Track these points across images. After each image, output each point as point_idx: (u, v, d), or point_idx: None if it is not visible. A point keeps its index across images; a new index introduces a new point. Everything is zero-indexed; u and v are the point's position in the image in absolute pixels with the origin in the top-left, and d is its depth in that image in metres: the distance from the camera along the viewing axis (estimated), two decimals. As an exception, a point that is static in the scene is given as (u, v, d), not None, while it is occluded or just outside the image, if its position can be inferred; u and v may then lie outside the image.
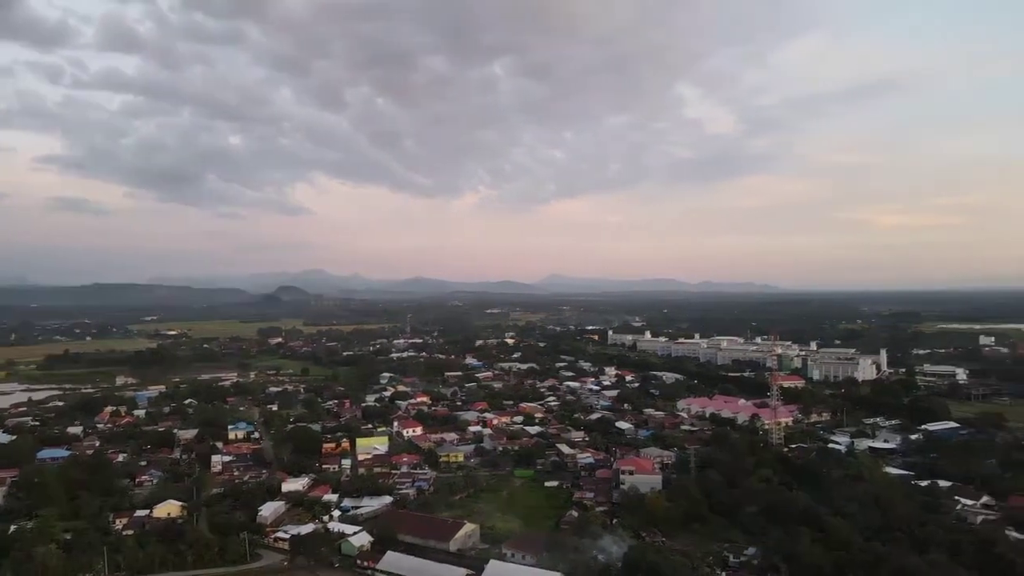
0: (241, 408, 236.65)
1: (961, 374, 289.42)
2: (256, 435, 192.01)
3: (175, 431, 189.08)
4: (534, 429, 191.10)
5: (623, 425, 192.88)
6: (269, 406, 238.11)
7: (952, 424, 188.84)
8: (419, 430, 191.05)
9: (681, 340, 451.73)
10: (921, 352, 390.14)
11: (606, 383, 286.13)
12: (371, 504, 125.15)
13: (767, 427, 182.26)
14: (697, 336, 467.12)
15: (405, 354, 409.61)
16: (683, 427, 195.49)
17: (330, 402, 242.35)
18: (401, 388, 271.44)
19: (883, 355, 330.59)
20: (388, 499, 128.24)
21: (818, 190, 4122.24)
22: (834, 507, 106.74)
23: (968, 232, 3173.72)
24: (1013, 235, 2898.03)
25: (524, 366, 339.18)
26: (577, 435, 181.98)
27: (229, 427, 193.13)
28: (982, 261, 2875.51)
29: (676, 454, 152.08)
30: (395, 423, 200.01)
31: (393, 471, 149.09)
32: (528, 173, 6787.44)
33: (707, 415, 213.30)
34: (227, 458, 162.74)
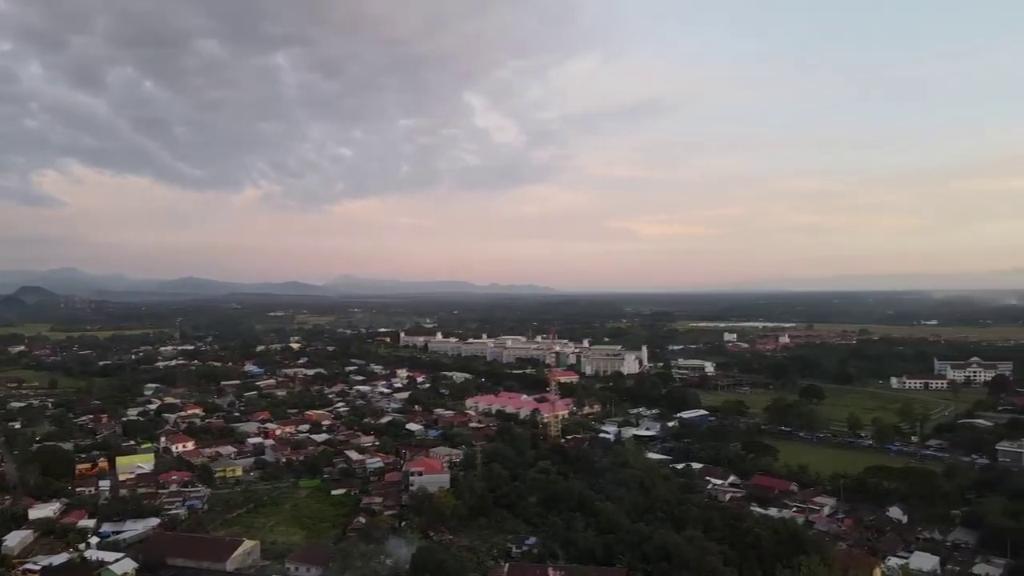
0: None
1: (709, 367, 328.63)
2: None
3: None
4: (321, 437, 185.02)
5: (413, 426, 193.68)
6: (11, 424, 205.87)
7: (703, 412, 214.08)
8: (191, 445, 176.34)
9: (471, 340, 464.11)
10: (676, 348, 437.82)
11: (397, 385, 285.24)
12: (135, 528, 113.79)
13: (546, 420, 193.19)
14: (485, 336, 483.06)
15: (174, 362, 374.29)
16: (471, 425, 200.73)
17: (84, 417, 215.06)
18: (169, 400, 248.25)
19: (644, 351, 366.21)
20: (155, 521, 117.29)
21: (593, 200, 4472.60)
22: (605, 492, 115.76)
23: (720, 241, 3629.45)
24: (757, 245, 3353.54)
25: (311, 371, 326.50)
26: (367, 440, 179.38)
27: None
28: (730, 267, 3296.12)
29: (464, 451, 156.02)
30: (163, 438, 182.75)
31: (161, 490, 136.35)
32: (315, 170, 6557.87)
33: (493, 411, 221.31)
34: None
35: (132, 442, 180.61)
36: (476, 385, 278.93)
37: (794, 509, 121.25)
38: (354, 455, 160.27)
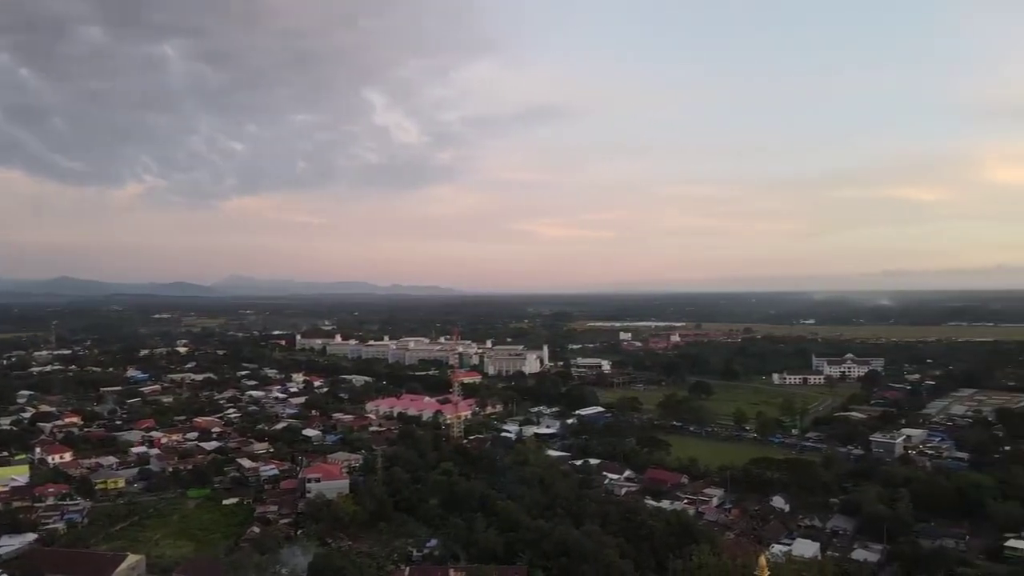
0: None
1: (606, 365, 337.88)
2: None
3: None
4: (211, 445, 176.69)
5: (310, 432, 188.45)
6: None
7: (600, 409, 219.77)
8: (69, 455, 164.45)
9: (371, 342, 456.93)
10: (575, 347, 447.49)
11: (293, 390, 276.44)
12: (10, 544, 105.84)
13: (449, 422, 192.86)
14: (386, 338, 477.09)
15: (49, 368, 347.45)
16: (372, 428, 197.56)
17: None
18: (44, 408, 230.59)
19: (545, 350, 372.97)
20: (32, 536, 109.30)
21: (495, 202, 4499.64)
22: (506, 491, 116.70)
23: (615, 244, 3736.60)
24: (650, 248, 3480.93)
25: (200, 376, 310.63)
26: (261, 447, 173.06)
27: None
28: (626, 269, 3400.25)
29: (364, 456, 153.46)
30: (38, 449, 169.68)
31: (36, 504, 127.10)
32: (205, 164, 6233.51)
33: (395, 414, 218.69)
34: None
35: (5, 453, 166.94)
36: (377, 388, 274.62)
37: (685, 501, 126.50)
38: (247, 463, 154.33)
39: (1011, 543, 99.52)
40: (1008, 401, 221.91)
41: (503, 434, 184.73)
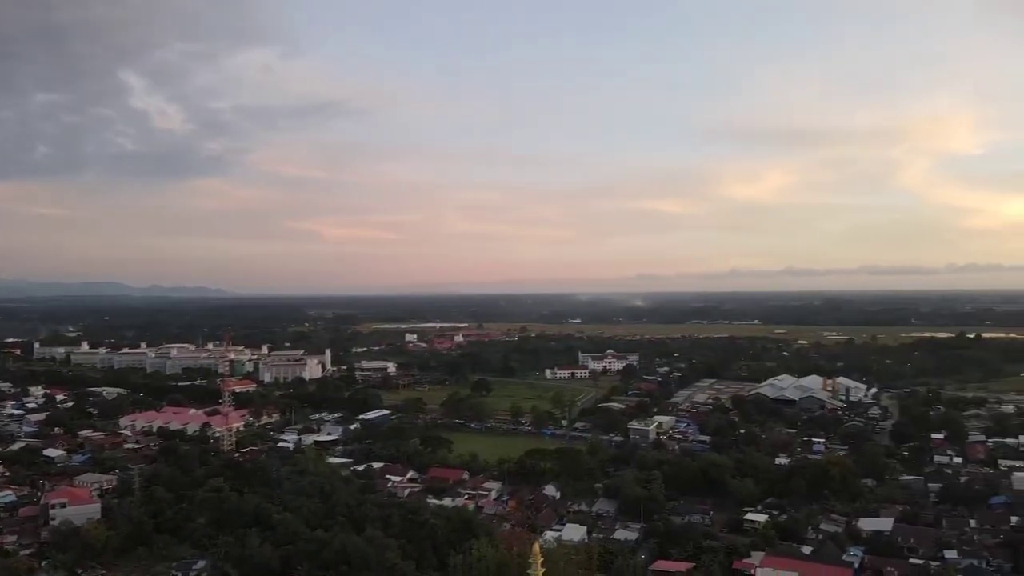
0: None
1: (391, 367, 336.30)
2: None
3: None
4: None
5: (53, 452, 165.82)
6: None
7: (384, 411, 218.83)
8: None
9: (126, 350, 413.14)
10: (359, 350, 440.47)
11: (32, 405, 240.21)
12: None
13: (219, 434, 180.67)
14: (144, 345, 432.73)
15: None
16: (127, 446, 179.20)
17: None
18: None
19: (328, 354, 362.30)
20: None
21: (272, 199, 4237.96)
22: (283, 503, 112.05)
23: (401, 246, 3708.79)
24: (435, 251, 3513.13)
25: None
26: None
27: None
28: (411, 271, 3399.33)
29: (119, 476, 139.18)
30: None
31: None
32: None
33: (155, 429, 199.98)
34: None
35: None
36: (133, 401, 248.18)
37: (466, 496, 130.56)
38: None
39: (749, 516, 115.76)
40: (741, 389, 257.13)
41: (280, 444, 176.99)
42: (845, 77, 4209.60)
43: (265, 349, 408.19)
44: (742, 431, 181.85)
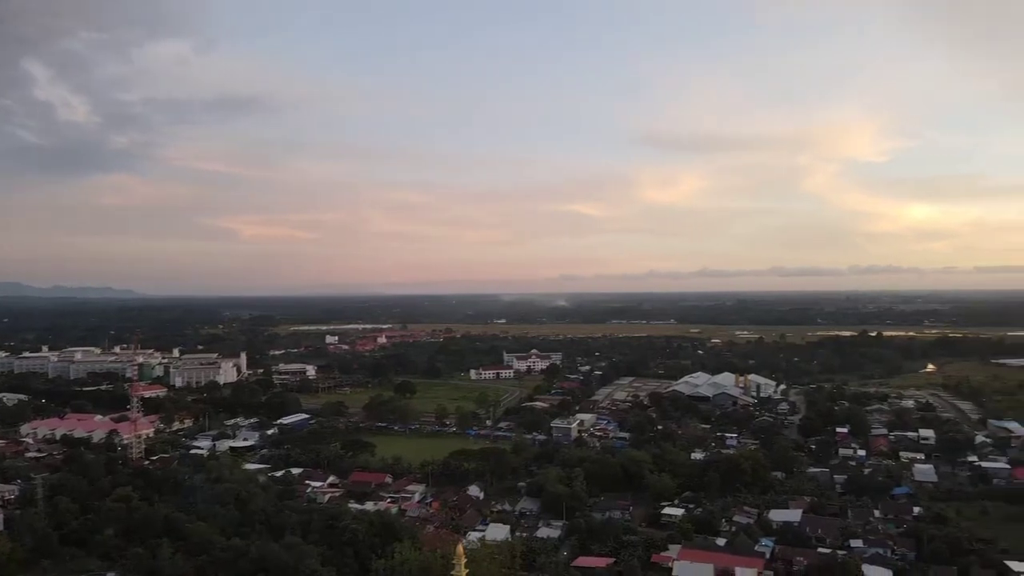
0: None
1: (311, 370, 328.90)
2: None
3: None
4: None
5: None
6: None
7: (304, 415, 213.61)
8: None
9: (27, 354, 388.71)
10: (277, 352, 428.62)
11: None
12: None
13: (127, 442, 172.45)
14: (46, 348, 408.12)
15: None
16: (29, 454, 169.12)
17: None
18: None
19: (243, 357, 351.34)
20: None
21: (185, 195, 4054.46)
22: (197, 512, 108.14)
23: (322, 246, 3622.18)
24: (357, 251, 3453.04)
25: None
26: None
27: None
28: (332, 271, 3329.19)
29: (20, 487, 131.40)
30: None
31: None
32: None
33: (58, 437, 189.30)
34: None
35: None
36: (35, 407, 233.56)
37: (388, 500, 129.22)
38: None
39: (667, 510, 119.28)
40: (658, 387, 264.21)
41: (193, 451, 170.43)
42: (756, 86, 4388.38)
43: (176, 352, 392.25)
44: (660, 427, 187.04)
